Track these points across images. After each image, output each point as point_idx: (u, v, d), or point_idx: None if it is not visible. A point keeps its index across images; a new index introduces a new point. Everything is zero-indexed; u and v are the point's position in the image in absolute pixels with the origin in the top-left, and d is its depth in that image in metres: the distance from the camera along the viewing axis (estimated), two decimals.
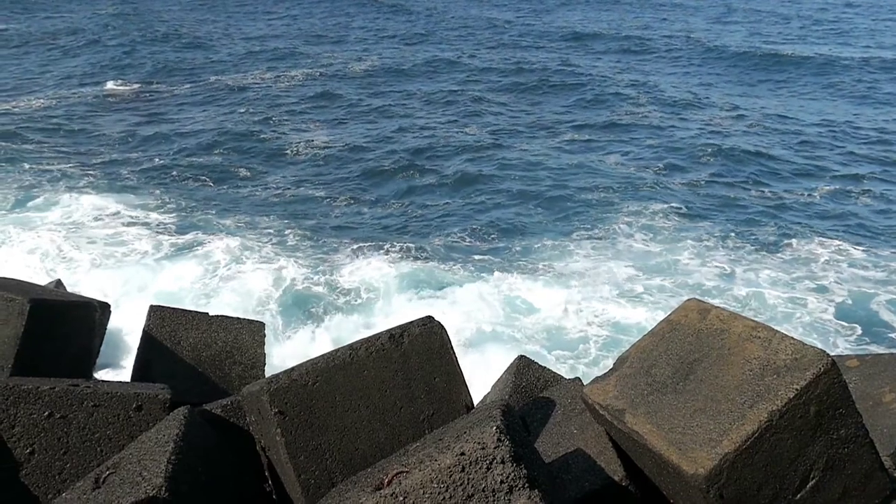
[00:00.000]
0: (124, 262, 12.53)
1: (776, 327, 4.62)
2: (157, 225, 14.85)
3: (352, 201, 16.62)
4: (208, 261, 11.60)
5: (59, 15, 48.48)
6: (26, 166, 18.58)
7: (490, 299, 11.82)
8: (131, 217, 15.28)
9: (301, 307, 10.23)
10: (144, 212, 15.59)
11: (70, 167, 18.74)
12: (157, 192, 17.19)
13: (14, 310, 5.96)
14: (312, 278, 11.08)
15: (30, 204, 16.03)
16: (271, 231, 13.79)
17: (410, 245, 13.49)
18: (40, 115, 24.26)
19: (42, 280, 9.66)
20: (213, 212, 15.59)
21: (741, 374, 4.37)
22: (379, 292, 8.38)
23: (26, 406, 5.19)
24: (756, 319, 4.83)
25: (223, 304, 9.84)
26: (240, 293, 10.38)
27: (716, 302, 5.21)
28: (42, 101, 25.94)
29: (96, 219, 15.11)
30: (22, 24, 43.85)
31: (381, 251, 9.38)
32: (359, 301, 7.86)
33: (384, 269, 9.94)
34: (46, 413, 5.22)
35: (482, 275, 12.77)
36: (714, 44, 36.48)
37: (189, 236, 14.18)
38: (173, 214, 15.55)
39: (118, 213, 15.54)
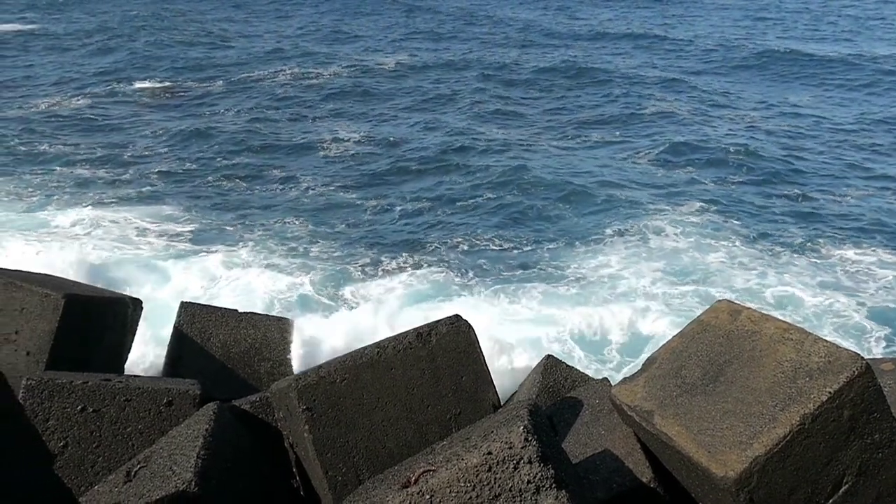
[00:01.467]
0: (149, 259, 12.67)
1: (808, 330, 4.56)
2: (183, 221, 15.03)
3: (381, 197, 16.68)
4: (232, 259, 11.68)
5: (93, 14, 49.29)
6: (56, 166, 18.88)
7: (518, 298, 11.79)
8: (157, 214, 15.45)
9: (325, 308, 10.26)
10: (170, 207, 15.79)
11: (101, 164, 19.03)
12: (185, 188, 17.38)
13: (49, 305, 6.07)
14: (339, 279, 11.11)
15: (60, 201, 16.33)
16: (297, 230, 13.87)
17: (439, 245, 13.51)
18: (72, 112, 24.72)
19: (74, 276, 9.79)
20: (241, 210, 15.71)
21: (773, 376, 4.31)
22: (405, 291, 8.39)
23: (60, 400, 5.28)
24: (788, 321, 4.76)
25: (247, 303, 9.89)
26: (263, 292, 10.42)
27: (746, 303, 5.14)
28: (77, 98, 26.40)
29: (123, 216, 15.33)
30: (57, 24, 44.67)
31: (409, 251, 9.38)
32: (387, 299, 7.89)
33: (411, 268, 9.93)
34: (80, 407, 5.31)
35: (510, 273, 12.74)
36: (745, 42, 36.04)
37: (213, 234, 14.33)
38: (199, 213, 15.69)
39: (145, 210, 15.73)
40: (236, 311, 7.79)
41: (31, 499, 3.61)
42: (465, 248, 13.85)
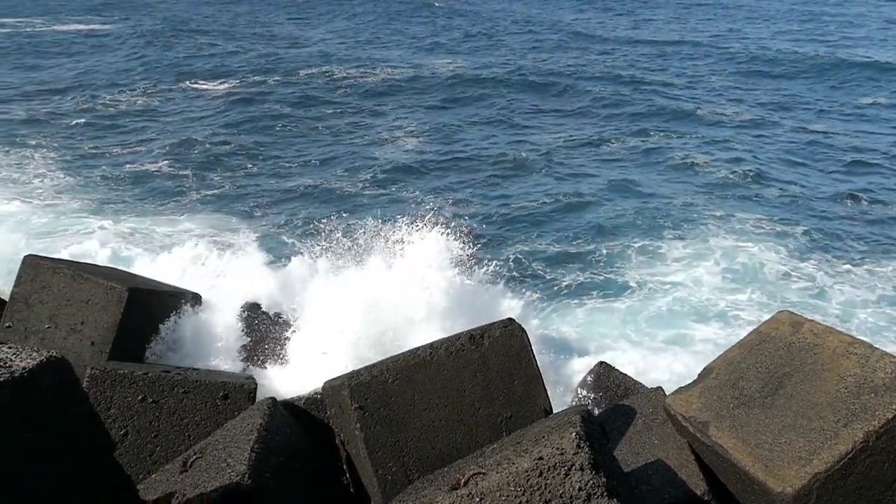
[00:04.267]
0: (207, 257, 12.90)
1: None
2: (241, 222, 15.31)
3: (436, 200, 16.76)
4: (292, 260, 11.77)
5: (153, 14, 50.78)
6: (108, 167, 19.44)
7: (572, 301, 11.69)
8: (214, 216, 15.75)
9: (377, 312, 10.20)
10: (226, 213, 16.11)
11: (160, 158, 19.59)
12: (240, 187, 17.71)
13: (114, 297, 6.26)
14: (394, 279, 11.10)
15: (114, 195, 16.86)
16: (356, 230, 13.96)
17: (493, 246, 13.49)
18: (130, 108, 25.57)
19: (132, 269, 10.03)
20: (298, 213, 15.90)
21: (835, 391, 4.19)
22: (460, 294, 8.41)
23: (122, 389, 5.45)
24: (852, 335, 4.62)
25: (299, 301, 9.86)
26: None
27: (805, 315, 5.00)
28: (136, 97, 27.25)
29: (177, 215, 15.73)
30: (118, 24, 46.18)
31: (462, 253, 9.39)
32: (444, 304, 7.93)
33: (465, 271, 9.92)
34: (140, 397, 5.46)
35: (565, 277, 12.64)
36: (804, 50, 35.10)
37: (270, 230, 14.59)
38: (257, 213, 15.96)
39: (201, 212, 16.03)
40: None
41: (93, 485, 3.72)
42: (523, 249, 13.80)
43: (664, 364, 9.46)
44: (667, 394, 5.20)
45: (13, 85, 28.82)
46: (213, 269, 8.71)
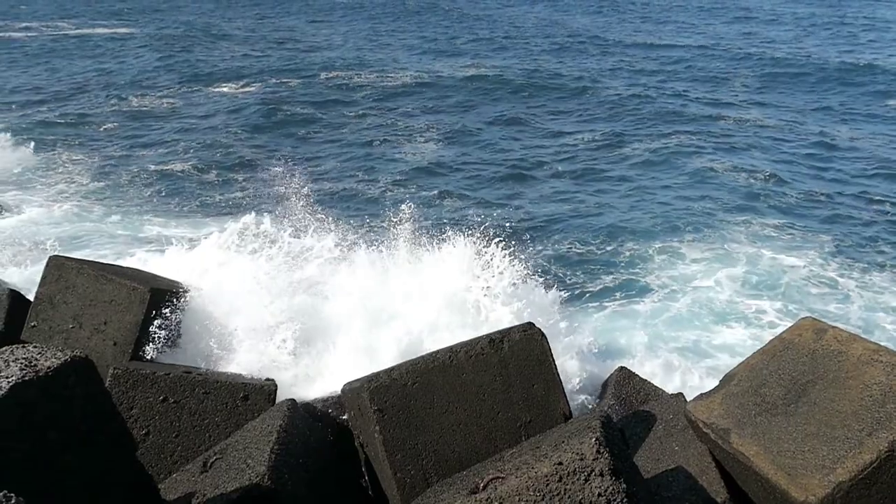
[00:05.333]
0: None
1: None
2: (264, 223, 15.36)
3: (455, 202, 16.77)
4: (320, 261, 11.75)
5: (174, 18, 51.37)
6: (134, 168, 19.64)
7: (592, 305, 11.63)
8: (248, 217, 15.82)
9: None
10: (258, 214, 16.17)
11: (185, 160, 19.75)
12: (263, 188, 17.80)
13: (136, 298, 6.32)
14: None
15: (140, 196, 17.04)
16: (383, 231, 13.95)
17: (512, 250, 13.44)
18: (155, 110, 25.85)
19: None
20: (322, 214, 15.91)
21: (859, 399, 4.13)
22: (479, 297, 8.41)
23: (144, 389, 5.50)
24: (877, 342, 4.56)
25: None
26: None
27: (828, 322, 4.94)
28: (160, 98, 27.56)
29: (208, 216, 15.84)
30: (141, 28, 46.75)
31: (481, 256, 9.37)
32: (468, 307, 7.92)
33: (488, 273, 9.89)
34: (162, 397, 5.51)
35: (586, 282, 12.57)
36: (827, 55, 34.73)
37: (295, 232, 14.64)
38: (280, 214, 16.02)
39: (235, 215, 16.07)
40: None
41: (116, 484, 3.76)
42: (542, 251, 13.75)
43: (684, 370, 9.38)
44: (687, 400, 5.16)
45: (41, 87, 29.26)
46: (236, 269, 8.75)
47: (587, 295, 12.16)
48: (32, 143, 20.50)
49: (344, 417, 5.78)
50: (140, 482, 4.03)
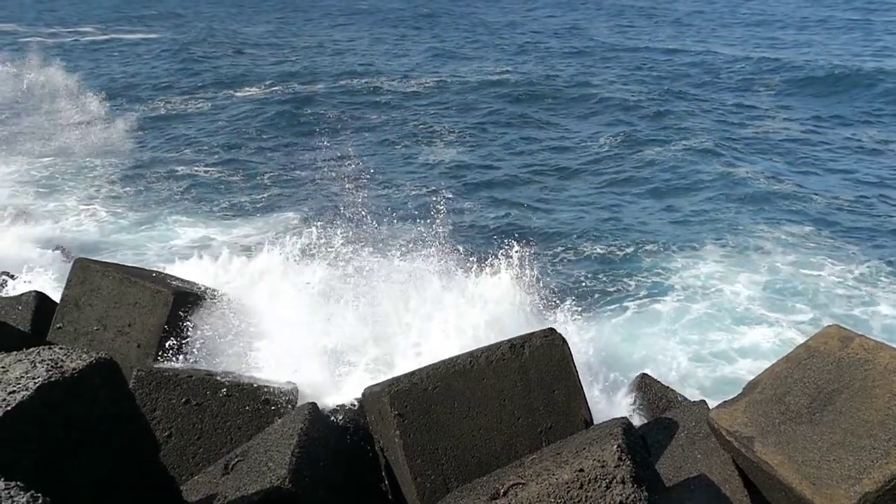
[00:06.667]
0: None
1: None
2: (286, 226, 15.47)
3: (475, 205, 16.78)
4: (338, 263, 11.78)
5: (203, 24, 52.00)
6: (161, 171, 19.84)
7: (614, 312, 11.56)
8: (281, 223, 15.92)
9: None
10: (283, 217, 16.29)
11: (210, 163, 19.98)
12: (285, 192, 17.92)
13: (160, 300, 6.38)
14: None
15: (165, 198, 17.25)
16: (405, 233, 13.96)
17: (534, 254, 13.38)
18: (180, 112, 26.19)
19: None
20: (345, 218, 15.90)
21: (886, 408, 4.07)
22: (502, 302, 8.38)
23: (167, 391, 5.54)
24: None
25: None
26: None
27: (855, 330, 4.87)
28: (184, 101, 27.90)
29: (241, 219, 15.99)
30: (165, 32, 47.40)
31: (506, 257, 9.35)
32: (486, 313, 7.90)
33: (507, 277, 9.85)
34: (184, 399, 5.55)
35: (607, 288, 12.50)
36: (853, 62, 34.27)
37: (317, 236, 14.70)
38: (303, 217, 16.09)
39: (268, 218, 16.22)
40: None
41: (138, 485, 3.80)
42: (563, 256, 13.71)
43: (707, 376, 9.29)
44: (710, 407, 5.11)
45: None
46: (257, 272, 8.82)
47: (608, 299, 12.09)
48: (60, 147, 20.81)
49: (365, 421, 5.79)
50: (162, 483, 4.06)
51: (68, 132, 22.89)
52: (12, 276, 9.65)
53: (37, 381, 3.31)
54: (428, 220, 9.73)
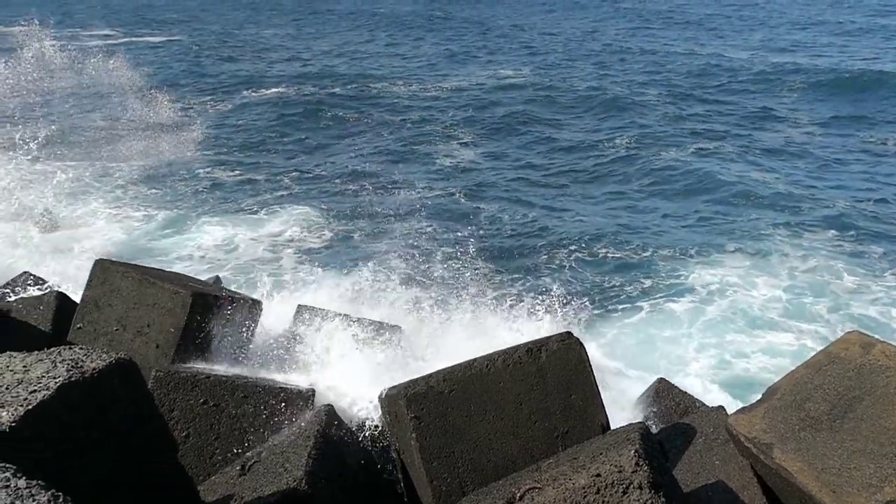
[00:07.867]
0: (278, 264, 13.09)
1: None
2: (306, 230, 15.54)
3: (490, 206, 16.80)
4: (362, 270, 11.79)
5: (220, 28, 52.46)
6: (183, 172, 19.99)
7: (631, 317, 11.50)
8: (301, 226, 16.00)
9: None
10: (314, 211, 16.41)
11: (230, 165, 20.14)
12: (318, 195, 18.00)
13: (178, 302, 6.41)
14: (453, 290, 11.07)
15: (187, 199, 17.40)
16: (425, 236, 14.00)
17: (551, 258, 13.37)
18: (200, 114, 26.46)
19: (202, 276, 10.28)
20: (374, 222, 15.98)
21: None
22: (516, 305, 8.38)
23: (185, 392, 5.57)
24: None
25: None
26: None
27: (876, 336, 4.82)
28: (204, 103, 28.17)
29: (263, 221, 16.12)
30: (184, 36, 47.86)
31: (520, 262, 9.31)
32: (504, 315, 7.89)
33: (519, 279, 9.85)
34: (202, 400, 5.58)
35: (624, 292, 12.44)
36: (876, 66, 33.93)
37: (335, 240, 14.78)
38: (322, 222, 16.16)
39: (292, 222, 16.30)
40: (348, 315, 7.93)
41: (157, 485, 3.82)
42: (580, 258, 13.68)
43: (725, 382, 9.23)
44: (728, 413, 5.07)
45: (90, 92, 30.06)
46: (275, 274, 8.87)
47: (625, 302, 12.04)
48: (86, 150, 21.01)
49: (381, 424, 5.79)
50: (180, 483, 4.08)
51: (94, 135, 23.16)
52: (35, 277, 9.74)
53: (57, 380, 3.34)
54: (438, 227, 9.77)
